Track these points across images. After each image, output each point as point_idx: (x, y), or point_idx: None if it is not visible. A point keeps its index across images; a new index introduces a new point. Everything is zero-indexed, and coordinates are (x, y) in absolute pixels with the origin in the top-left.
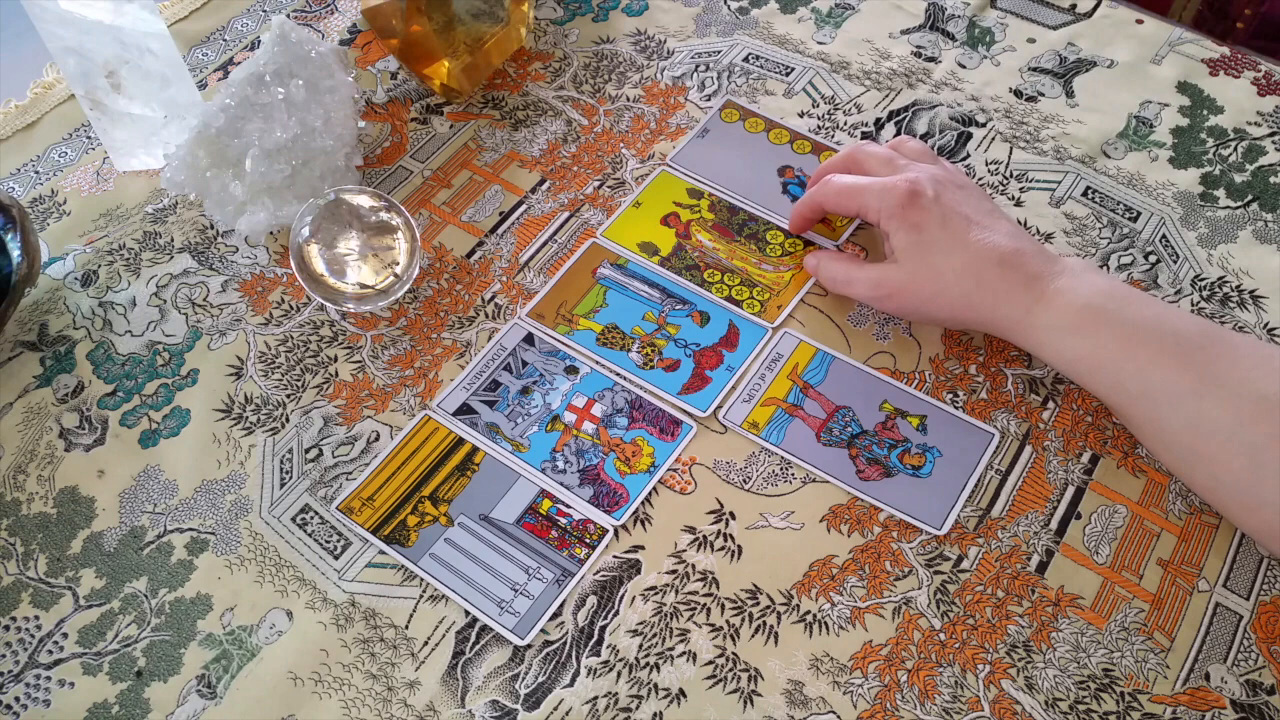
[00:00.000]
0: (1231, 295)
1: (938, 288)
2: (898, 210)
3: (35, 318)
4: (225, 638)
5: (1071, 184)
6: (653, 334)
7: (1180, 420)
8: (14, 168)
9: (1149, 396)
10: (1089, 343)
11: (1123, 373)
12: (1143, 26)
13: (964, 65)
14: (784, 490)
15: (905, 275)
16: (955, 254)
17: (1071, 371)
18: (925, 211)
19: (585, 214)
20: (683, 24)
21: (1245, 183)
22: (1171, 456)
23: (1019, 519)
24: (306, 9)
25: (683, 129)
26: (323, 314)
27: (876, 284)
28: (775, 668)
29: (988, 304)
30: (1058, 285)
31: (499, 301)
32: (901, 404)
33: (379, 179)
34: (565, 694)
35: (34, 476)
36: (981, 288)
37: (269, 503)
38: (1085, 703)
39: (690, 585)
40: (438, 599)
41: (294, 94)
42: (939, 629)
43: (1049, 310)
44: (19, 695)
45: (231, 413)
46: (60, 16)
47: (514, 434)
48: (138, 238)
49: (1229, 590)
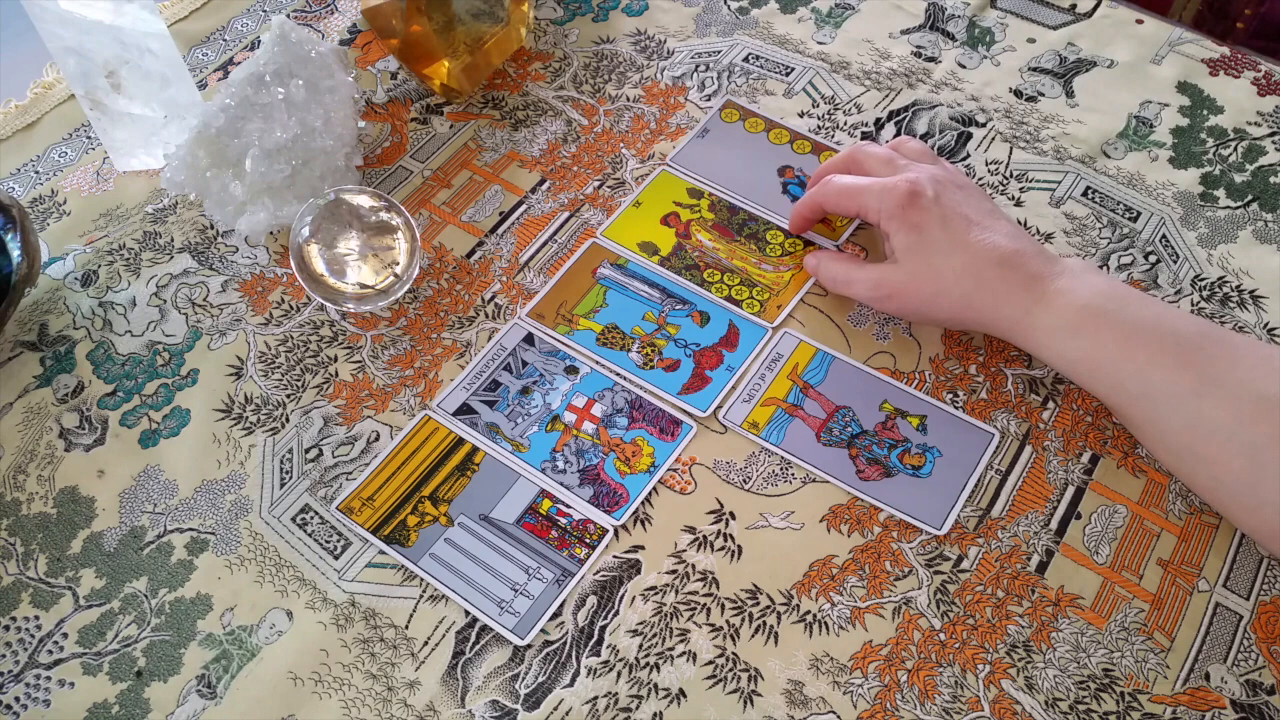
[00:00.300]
0: (1231, 295)
1: (938, 288)
2: (898, 210)
3: (35, 318)
4: (225, 638)
5: (1071, 184)
6: (653, 334)
7: (1180, 421)
8: (14, 168)
9: (1148, 397)
10: (1088, 343)
11: (1122, 373)
12: (1143, 26)
13: (964, 65)
14: (784, 490)
15: (905, 276)
16: (955, 254)
17: (1071, 372)
18: (925, 212)
19: (585, 214)
20: (683, 24)
21: (1245, 183)
22: (1171, 457)
23: (1019, 519)
24: (306, 9)
25: (683, 129)
26: (323, 314)
27: (876, 284)
28: (775, 668)
29: (988, 305)
30: (1057, 286)
31: (499, 301)
32: (901, 404)
33: (379, 179)
34: (565, 694)
35: (34, 476)
36: (981, 288)
37: (269, 503)
38: (1085, 703)
39: (690, 585)
40: (438, 599)
41: (294, 94)
42: (939, 629)
43: (1048, 311)
44: (19, 695)
45: (231, 413)
46: (60, 16)
47: (514, 434)
48: (138, 238)
49: (1229, 590)
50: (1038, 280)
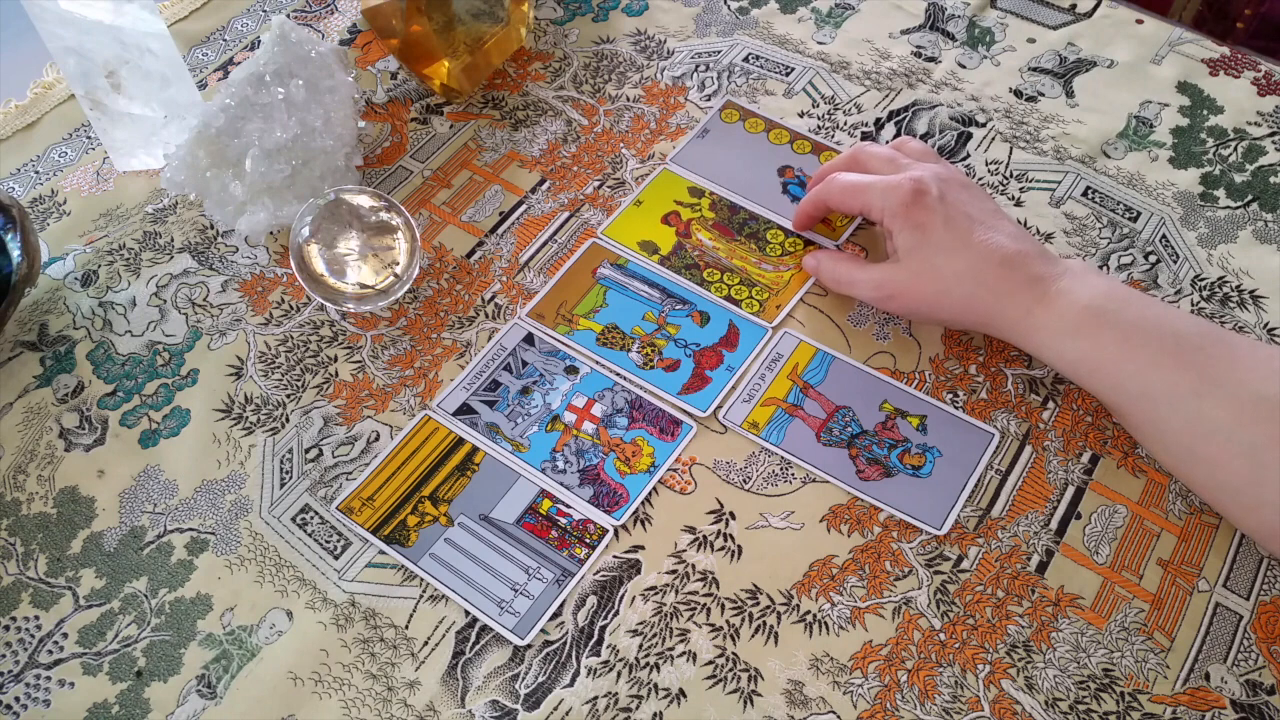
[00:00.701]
0: (1231, 295)
1: (940, 288)
2: (901, 209)
3: (35, 318)
4: (225, 638)
5: (1071, 184)
6: (653, 334)
7: (1180, 421)
8: (14, 168)
9: (1149, 397)
10: (1089, 344)
11: (1122, 374)
12: (1143, 26)
13: (964, 65)
14: (784, 490)
15: (908, 275)
16: (958, 254)
17: (1072, 373)
18: (930, 211)
19: (585, 214)
20: (683, 24)
21: (1245, 183)
22: (1171, 457)
23: (1019, 519)
24: (306, 9)
25: (683, 129)
26: (323, 314)
27: (879, 285)
28: (775, 668)
29: (989, 305)
30: (1059, 287)
31: (499, 301)
32: (901, 404)
33: (379, 179)
34: (565, 694)
35: (34, 476)
36: (983, 289)
37: (269, 503)
38: (1085, 703)
39: (690, 585)
40: (438, 599)
41: (294, 94)
42: (939, 629)
43: (1049, 312)
44: (19, 695)
45: (231, 413)
46: (60, 16)
47: (514, 434)
48: (138, 238)
49: (1229, 590)
50: (1039, 281)
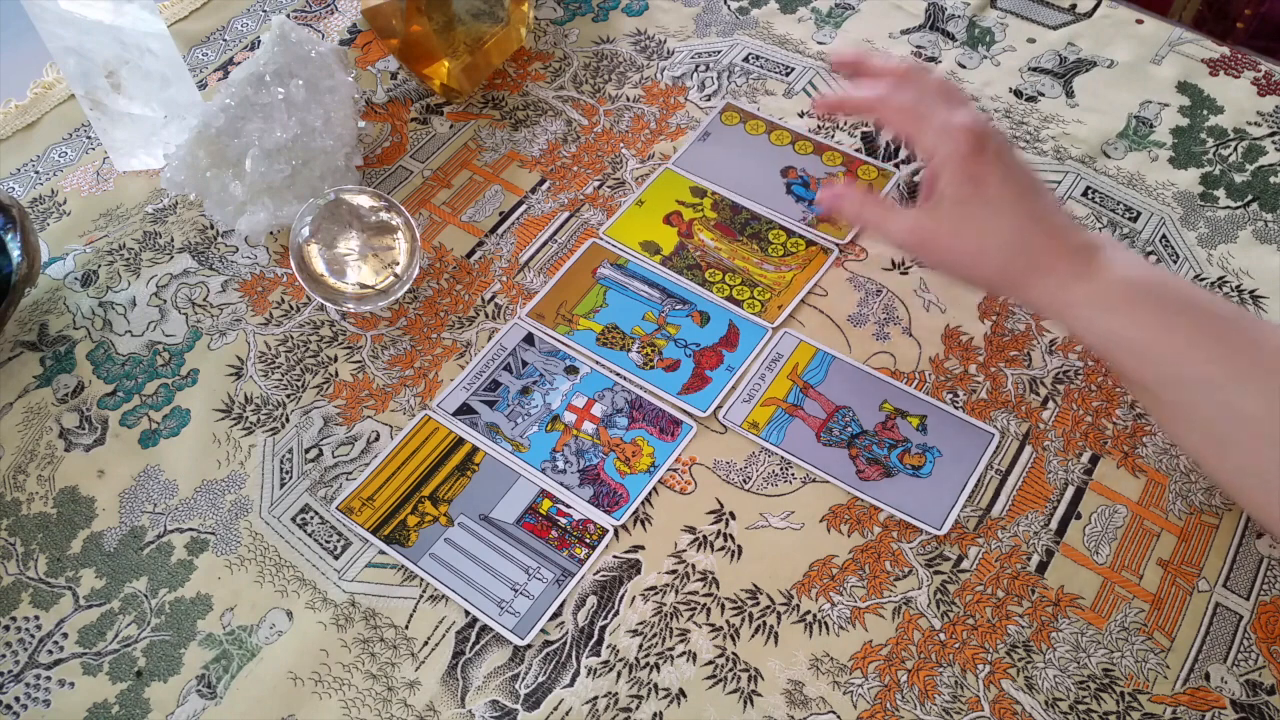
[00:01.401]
0: (1231, 295)
1: (980, 245)
2: (958, 158)
3: (35, 318)
4: (225, 638)
5: (1072, 184)
6: (653, 334)
7: (1213, 406)
8: (14, 168)
9: (1181, 381)
10: (1126, 320)
11: (1157, 354)
12: (1143, 26)
13: (964, 65)
14: (784, 490)
15: (949, 227)
16: (1005, 216)
17: (1102, 348)
18: (988, 166)
19: (585, 214)
20: (683, 24)
21: (1245, 183)
22: (1197, 443)
23: (1019, 519)
24: (306, 9)
25: (683, 129)
26: (323, 314)
27: (913, 230)
28: (775, 668)
29: (1026, 272)
30: (1101, 260)
31: (499, 301)
32: (901, 404)
33: (379, 179)
34: (565, 694)
35: (34, 476)
36: (1024, 255)
37: (269, 503)
38: (1085, 703)
39: (690, 585)
40: (438, 599)
41: (294, 94)
42: (939, 629)
43: (1089, 285)
44: (19, 695)
45: (231, 413)
46: (60, 16)
47: (514, 434)
48: (138, 238)
49: (1229, 590)
50: (1081, 251)
